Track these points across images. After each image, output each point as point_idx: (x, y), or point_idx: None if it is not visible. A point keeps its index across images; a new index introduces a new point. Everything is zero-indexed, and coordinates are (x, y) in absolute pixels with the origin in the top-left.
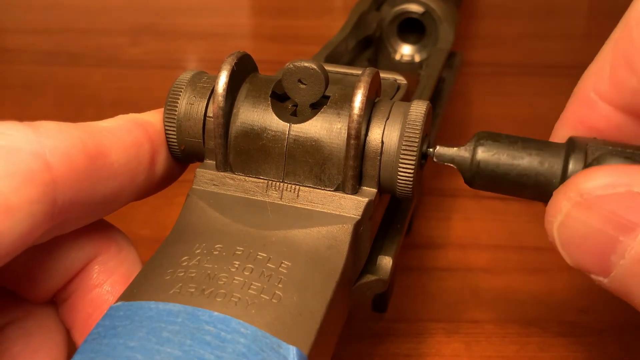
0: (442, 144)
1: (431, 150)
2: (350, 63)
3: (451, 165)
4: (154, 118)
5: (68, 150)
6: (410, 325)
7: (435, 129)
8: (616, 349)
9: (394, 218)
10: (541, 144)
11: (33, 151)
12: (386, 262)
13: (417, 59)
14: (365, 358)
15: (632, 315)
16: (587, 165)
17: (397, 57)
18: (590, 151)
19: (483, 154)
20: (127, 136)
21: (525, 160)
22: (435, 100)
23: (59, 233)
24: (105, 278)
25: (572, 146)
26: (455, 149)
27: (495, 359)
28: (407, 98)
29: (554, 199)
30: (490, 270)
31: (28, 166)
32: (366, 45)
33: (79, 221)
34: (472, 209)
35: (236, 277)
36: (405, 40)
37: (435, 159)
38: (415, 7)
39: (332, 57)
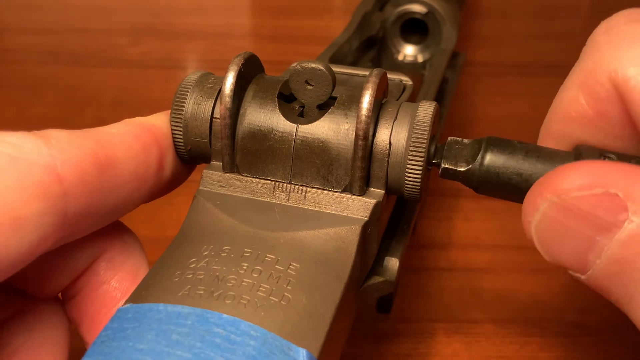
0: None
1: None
2: (354, 64)
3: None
4: (160, 121)
5: (79, 163)
6: (410, 325)
7: (440, 129)
8: (616, 349)
9: (400, 219)
10: (548, 151)
11: (45, 164)
12: (393, 263)
13: (420, 59)
14: (365, 358)
15: None
16: None
17: (400, 57)
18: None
19: (491, 159)
20: (135, 143)
21: (532, 167)
22: (439, 100)
23: (68, 241)
24: (112, 275)
25: (579, 155)
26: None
27: (495, 359)
28: (412, 99)
29: (530, 197)
30: (491, 270)
31: (39, 179)
32: (369, 46)
33: (89, 229)
34: (472, 209)
35: (245, 279)
36: (408, 40)
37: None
38: (418, 8)
39: (336, 58)
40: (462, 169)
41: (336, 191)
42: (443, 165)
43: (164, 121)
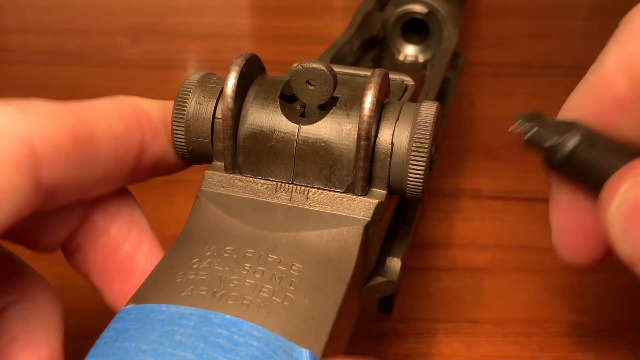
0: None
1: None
2: (355, 64)
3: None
4: (152, 107)
5: (55, 136)
6: (410, 325)
7: (442, 130)
8: (616, 349)
9: (402, 219)
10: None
11: (20, 136)
12: (395, 263)
13: (420, 59)
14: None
15: (632, 315)
16: None
17: (401, 57)
18: None
19: (581, 141)
20: (118, 124)
21: (616, 156)
22: (440, 100)
23: (47, 209)
24: (109, 224)
25: None
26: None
27: (495, 359)
28: (413, 99)
29: (610, 183)
30: (491, 270)
31: (14, 151)
32: (370, 46)
33: (66, 201)
34: (472, 209)
35: (247, 280)
36: (409, 40)
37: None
38: (419, 8)
39: (337, 58)
40: (550, 143)
41: (338, 191)
42: (535, 130)
43: (156, 108)
